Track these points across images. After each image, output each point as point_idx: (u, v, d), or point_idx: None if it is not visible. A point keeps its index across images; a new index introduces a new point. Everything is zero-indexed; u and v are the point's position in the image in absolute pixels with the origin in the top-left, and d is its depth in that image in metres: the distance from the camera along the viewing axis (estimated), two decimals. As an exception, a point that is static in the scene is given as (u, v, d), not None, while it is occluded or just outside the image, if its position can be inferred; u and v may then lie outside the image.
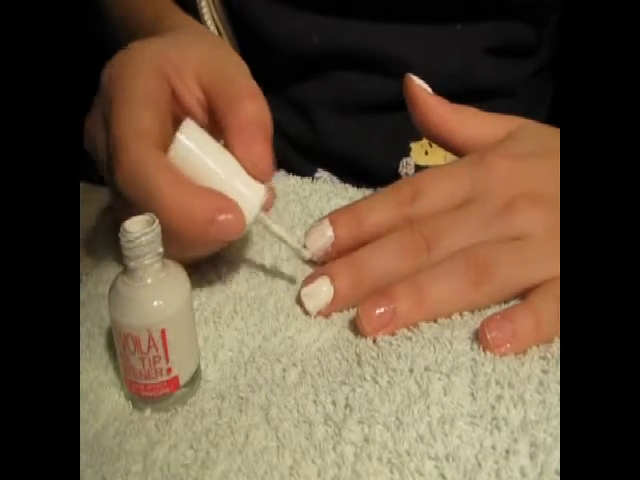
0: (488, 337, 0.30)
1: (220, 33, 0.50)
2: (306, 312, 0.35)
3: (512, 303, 0.33)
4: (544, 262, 0.33)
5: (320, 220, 0.37)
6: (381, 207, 0.36)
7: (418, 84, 0.38)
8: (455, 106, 0.38)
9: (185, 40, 0.37)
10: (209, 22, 0.49)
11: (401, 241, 0.34)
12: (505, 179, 0.35)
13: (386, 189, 0.37)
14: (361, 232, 0.36)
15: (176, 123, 0.34)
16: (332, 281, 0.34)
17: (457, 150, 0.38)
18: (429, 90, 0.38)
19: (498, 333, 0.30)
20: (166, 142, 0.33)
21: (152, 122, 0.33)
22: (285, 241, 0.35)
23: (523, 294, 0.33)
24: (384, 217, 0.36)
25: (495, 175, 0.35)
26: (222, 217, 0.31)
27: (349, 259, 0.35)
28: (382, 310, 0.32)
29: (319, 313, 0.34)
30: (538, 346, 0.31)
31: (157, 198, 0.31)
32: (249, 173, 0.33)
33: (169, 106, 0.35)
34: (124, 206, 0.33)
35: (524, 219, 0.33)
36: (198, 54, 0.36)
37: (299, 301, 0.35)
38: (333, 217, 0.36)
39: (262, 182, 0.34)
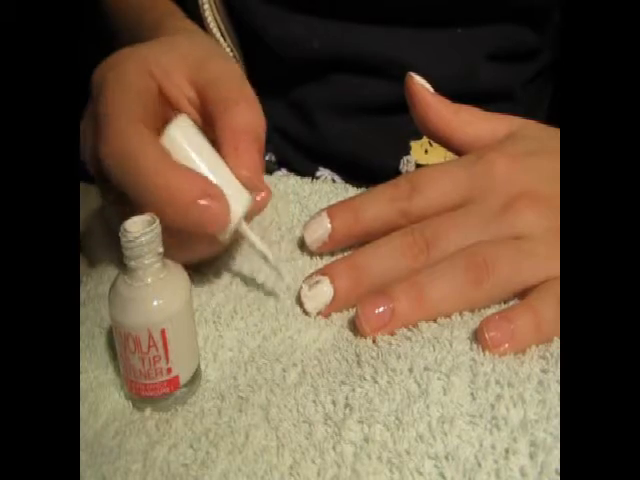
0: (487, 337, 0.30)
1: (223, 36, 0.50)
2: (306, 312, 0.35)
3: (512, 303, 0.33)
4: (544, 262, 0.33)
5: (319, 212, 0.37)
6: (378, 202, 0.36)
7: (419, 83, 0.38)
8: (456, 105, 0.38)
9: (178, 40, 0.37)
10: (212, 24, 0.49)
11: (401, 241, 0.34)
12: (505, 178, 0.35)
13: (384, 184, 0.37)
14: (357, 225, 0.36)
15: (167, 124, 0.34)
16: (332, 282, 0.34)
17: (458, 149, 0.38)
18: (430, 89, 0.38)
19: (497, 333, 0.30)
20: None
21: (141, 111, 0.32)
22: (264, 255, 0.34)
23: (523, 294, 0.33)
24: (380, 211, 0.36)
25: (495, 174, 0.35)
26: (204, 202, 0.30)
27: (349, 260, 0.35)
28: (381, 309, 0.32)
29: (319, 314, 0.34)
30: (538, 346, 0.31)
31: (141, 172, 0.30)
32: (239, 180, 0.33)
33: (155, 103, 0.34)
34: (114, 199, 0.33)
35: (524, 219, 0.33)
36: (191, 53, 0.35)
37: (299, 301, 0.35)
38: (331, 210, 0.37)
39: (249, 192, 0.33)
